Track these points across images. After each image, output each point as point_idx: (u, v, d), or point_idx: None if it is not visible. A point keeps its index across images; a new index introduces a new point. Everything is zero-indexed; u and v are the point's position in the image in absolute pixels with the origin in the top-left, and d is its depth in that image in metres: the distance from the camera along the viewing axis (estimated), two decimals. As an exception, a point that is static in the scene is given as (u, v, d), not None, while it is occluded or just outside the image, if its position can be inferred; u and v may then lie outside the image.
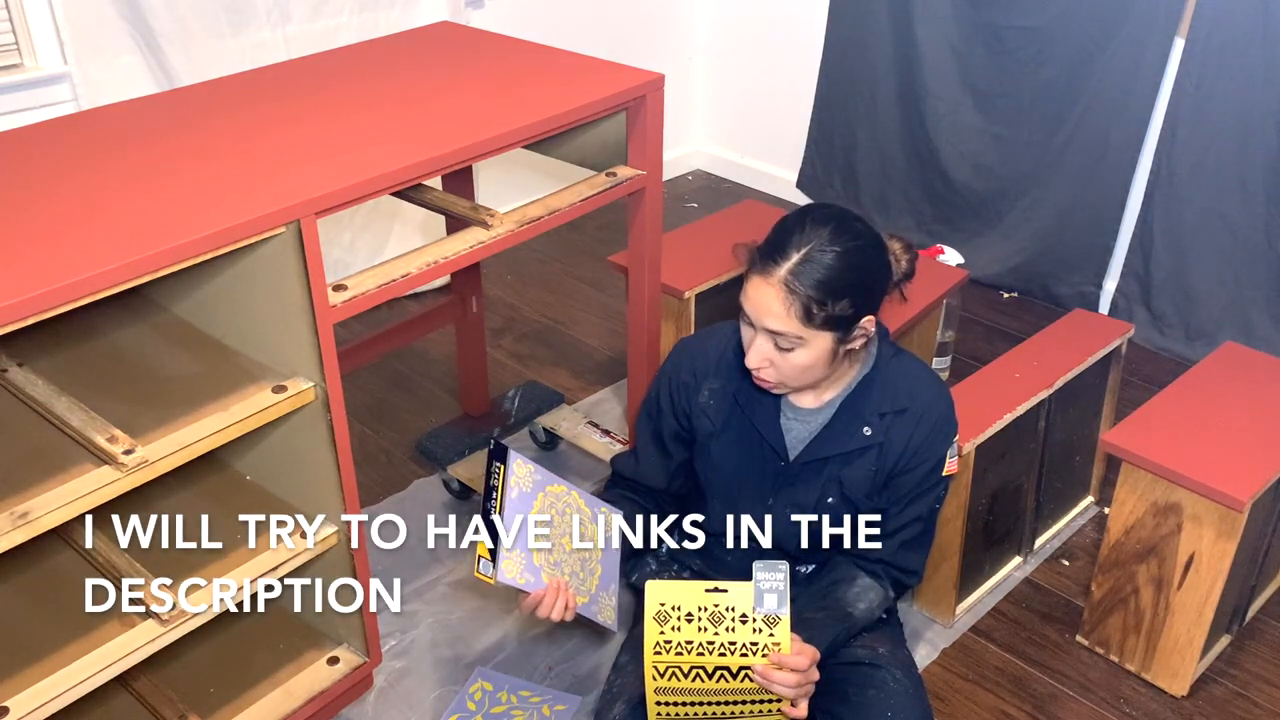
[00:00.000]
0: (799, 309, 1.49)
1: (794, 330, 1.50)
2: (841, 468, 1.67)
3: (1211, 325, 2.98)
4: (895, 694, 1.60)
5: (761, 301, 1.51)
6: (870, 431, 1.65)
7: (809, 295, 1.48)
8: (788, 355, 1.54)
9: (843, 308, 1.50)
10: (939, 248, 3.37)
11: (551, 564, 1.55)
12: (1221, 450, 1.87)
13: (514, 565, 1.49)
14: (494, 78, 1.98)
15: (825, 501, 1.68)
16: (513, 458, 1.55)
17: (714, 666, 1.43)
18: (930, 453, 1.66)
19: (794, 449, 1.68)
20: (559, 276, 3.43)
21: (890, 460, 1.66)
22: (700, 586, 1.44)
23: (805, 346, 1.52)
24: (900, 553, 1.70)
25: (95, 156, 1.63)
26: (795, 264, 1.49)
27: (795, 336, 1.51)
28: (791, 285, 1.48)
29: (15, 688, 1.42)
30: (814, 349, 1.53)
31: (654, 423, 1.78)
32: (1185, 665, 1.97)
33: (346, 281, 1.59)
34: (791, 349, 1.53)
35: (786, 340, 1.52)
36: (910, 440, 1.65)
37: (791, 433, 1.68)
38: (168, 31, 2.52)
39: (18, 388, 1.54)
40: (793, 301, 1.49)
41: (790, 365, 1.55)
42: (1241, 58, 2.74)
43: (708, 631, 1.42)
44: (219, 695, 1.77)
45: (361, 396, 2.78)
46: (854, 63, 3.56)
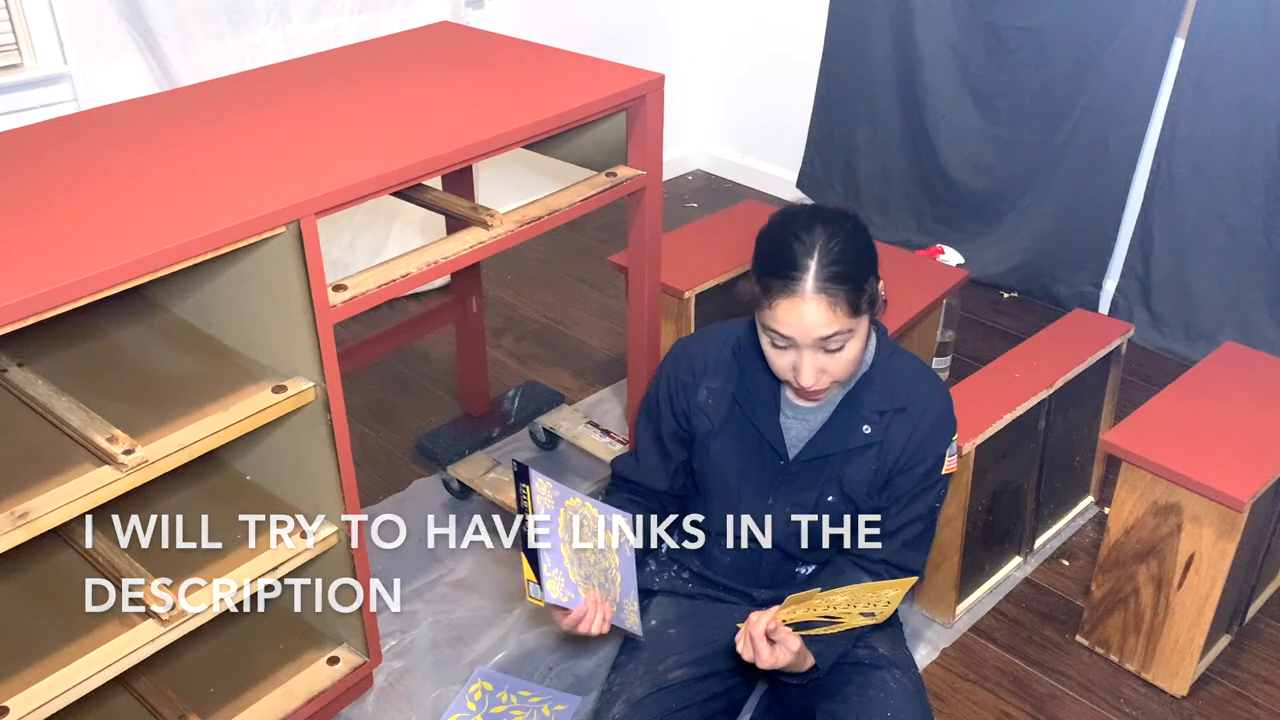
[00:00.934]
0: (844, 305, 1.49)
1: (846, 325, 1.51)
2: (841, 466, 1.67)
3: (1211, 325, 2.99)
4: (895, 694, 1.60)
5: (805, 318, 1.50)
6: (870, 430, 1.65)
7: (847, 288, 1.49)
8: (837, 355, 1.54)
9: (872, 283, 1.54)
10: (939, 248, 3.36)
11: (583, 577, 1.55)
12: (1221, 450, 1.87)
13: (556, 584, 1.50)
14: (494, 78, 1.98)
15: (825, 500, 1.68)
16: (534, 477, 1.54)
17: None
18: (929, 451, 1.66)
19: (794, 447, 1.68)
20: (559, 276, 3.43)
21: (890, 459, 1.66)
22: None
23: (855, 336, 1.53)
24: (901, 552, 1.70)
25: (95, 157, 1.63)
26: (819, 268, 1.48)
27: (846, 331, 1.51)
28: (827, 289, 1.48)
29: (15, 688, 1.42)
30: (860, 334, 1.54)
31: (654, 423, 1.78)
32: (1185, 665, 1.97)
33: (346, 281, 1.59)
34: (841, 347, 1.53)
35: (838, 340, 1.52)
36: (910, 438, 1.65)
37: (791, 431, 1.68)
38: (168, 32, 2.52)
39: (18, 388, 1.54)
40: (836, 302, 1.49)
41: (843, 362, 1.55)
42: (1241, 58, 2.74)
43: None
44: (219, 695, 1.77)
45: (361, 396, 2.78)
46: (854, 63, 3.56)
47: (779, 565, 1.77)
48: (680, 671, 1.70)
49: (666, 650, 1.73)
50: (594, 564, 1.59)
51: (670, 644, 1.75)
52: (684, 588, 1.84)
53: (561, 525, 1.55)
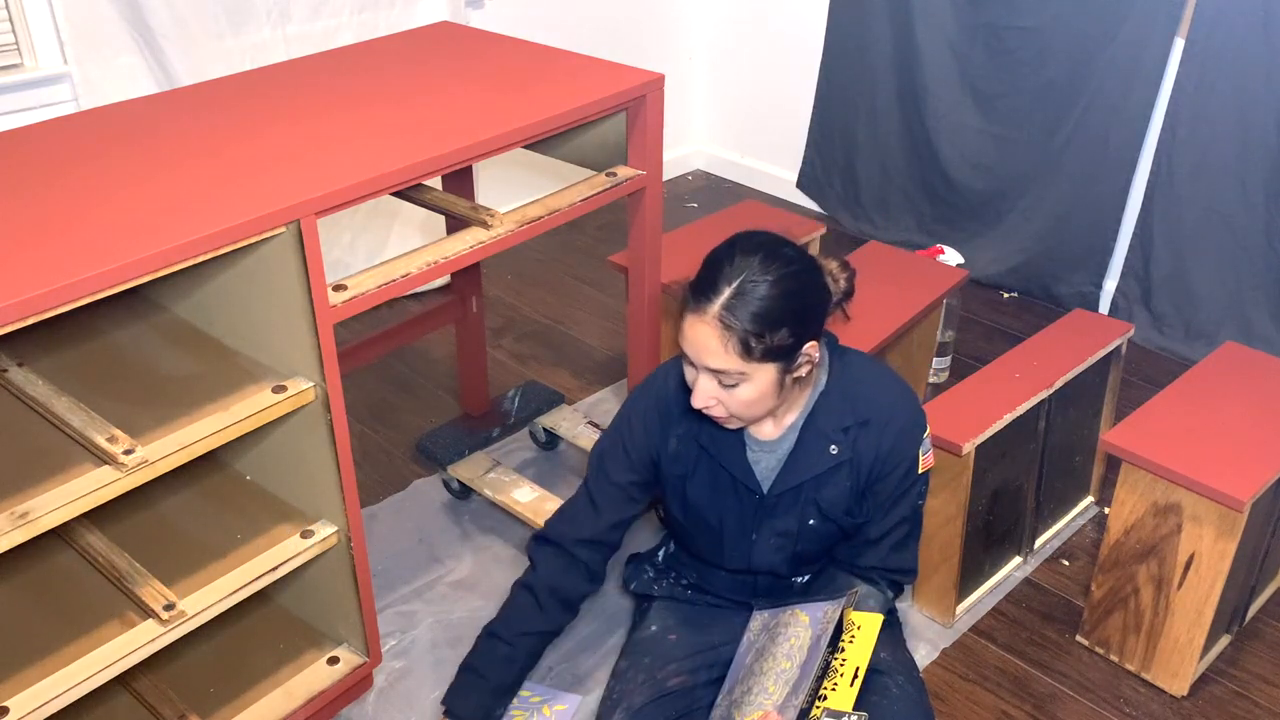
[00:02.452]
0: (736, 344, 1.44)
1: (735, 366, 1.46)
2: (816, 490, 1.64)
3: (1211, 325, 2.99)
4: (897, 700, 1.60)
5: (698, 340, 1.46)
6: (837, 450, 1.61)
7: (745, 329, 1.43)
8: (733, 391, 1.49)
9: (781, 338, 1.45)
10: (939, 248, 3.36)
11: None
12: (1221, 450, 1.87)
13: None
14: (494, 78, 1.98)
15: (807, 524, 1.67)
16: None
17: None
18: (902, 456, 1.63)
19: (765, 481, 1.65)
20: (559, 276, 3.43)
21: (863, 472, 1.63)
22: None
23: (749, 381, 1.48)
24: (892, 555, 1.69)
25: (95, 157, 1.63)
26: (728, 298, 1.43)
27: (737, 373, 1.46)
28: (726, 321, 1.43)
29: (15, 688, 1.42)
30: (758, 382, 1.48)
31: (612, 476, 1.71)
32: (1185, 665, 1.97)
33: (346, 281, 1.59)
34: (735, 385, 1.48)
35: (729, 377, 1.47)
36: (879, 449, 1.62)
37: (760, 464, 1.65)
38: (167, 31, 2.52)
39: (18, 388, 1.54)
40: (729, 338, 1.44)
41: (737, 401, 1.50)
42: (1241, 58, 2.74)
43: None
44: (219, 695, 1.77)
45: (361, 396, 2.78)
46: (854, 63, 3.56)
47: (774, 582, 1.77)
48: (680, 679, 1.69)
49: (666, 657, 1.73)
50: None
51: (670, 651, 1.74)
52: (683, 594, 1.84)
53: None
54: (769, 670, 1.58)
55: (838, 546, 1.73)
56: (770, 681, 1.56)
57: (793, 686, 1.53)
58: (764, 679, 1.57)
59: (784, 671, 1.56)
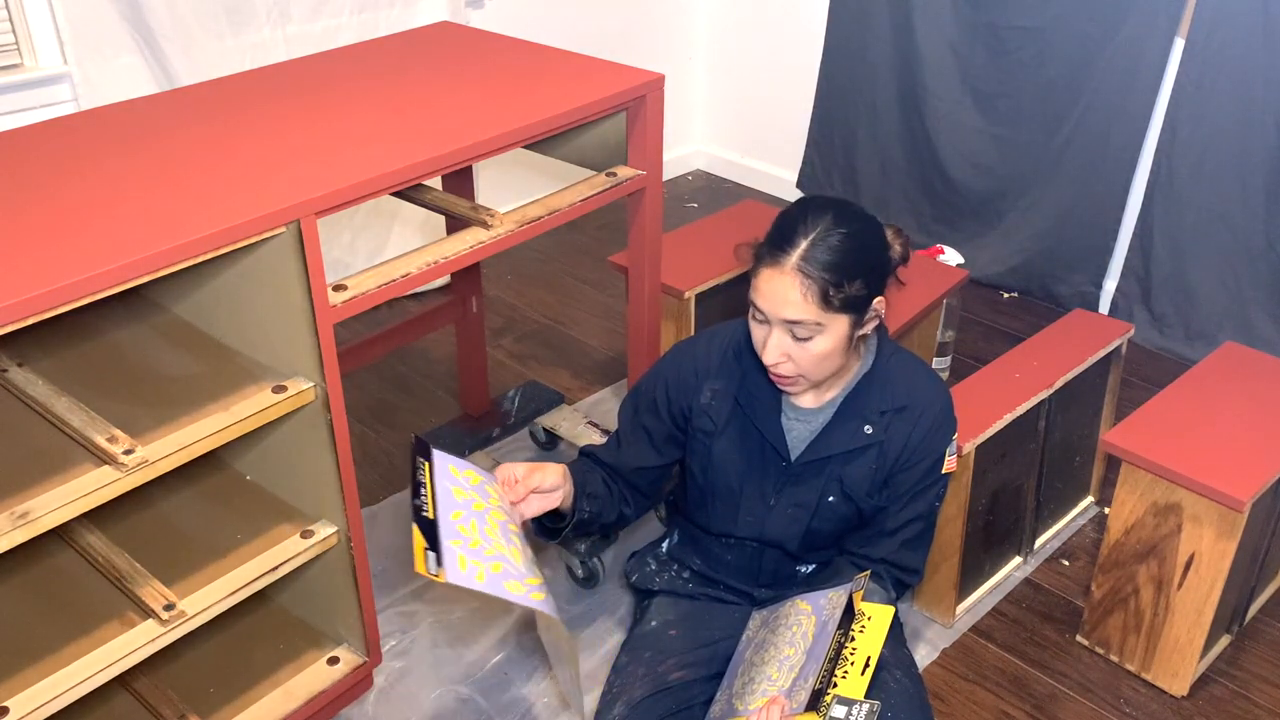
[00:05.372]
0: (816, 293, 1.49)
1: (813, 316, 1.50)
2: (842, 466, 1.67)
3: (1211, 325, 2.99)
4: (895, 694, 1.60)
5: (777, 292, 1.50)
6: (871, 430, 1.65)
7: (824, 278, 1.48)
8: (806, 345, 1.53)
9: (857, 288, 1.51)
10: (939, 248, 3.37)
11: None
12: (1221, 450, 1.87)
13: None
14: (494, 78, 1.98)
15: (826, 500, 1.69)
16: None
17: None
18: (930, 450, 1.66)
19: (795, 449, 1.68)
20: (559, 276, 3.43)
21: (890, 458, 1.66)
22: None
23: (824, 333, 1.52)
24: (901, 551, 1.70)
25: (95, 157, 1.63)
26: (806, 249, 1.49)
27: (814, 323, 1.51)
28: (806, 270, 1.48)
29: (15, 688, 1.42)
30: (832, 334, 1.53)
31: (643, 421, 1.78)
32: (1185, 665, 1.97)
33: (346, 281, 1.59)
34: (810, 337, 1.52)
35: (805, 329, 1.51)
36: (910, 437, 1.65)
37: (793, 432, 1.68)
38: (168, 31, 2.52)
39: (18, 388, 1.54)
40: (809, 286, 1.48)
41: (809, 355, 1.54)
42: (1241, 58, 2.74)
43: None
44: (219, 695, 1.77)
45: (361, 396, 2.78)
46: (854, 63, 3.56)
47: (780, 564, 1.77)
48: (681, 673, 1.70)
49: (667, 652, 1.73)
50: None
51: (670, 645, 1.75)
52: (684, 588, 1.84)
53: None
54: (771, 659, 1.59)
55: (848, 537, 1.73)
56: (773, 669, 1.56)
57: (800, 671, 1.53)
58: (766, 668, 1.58)
59: (788, 658, 1.56)
